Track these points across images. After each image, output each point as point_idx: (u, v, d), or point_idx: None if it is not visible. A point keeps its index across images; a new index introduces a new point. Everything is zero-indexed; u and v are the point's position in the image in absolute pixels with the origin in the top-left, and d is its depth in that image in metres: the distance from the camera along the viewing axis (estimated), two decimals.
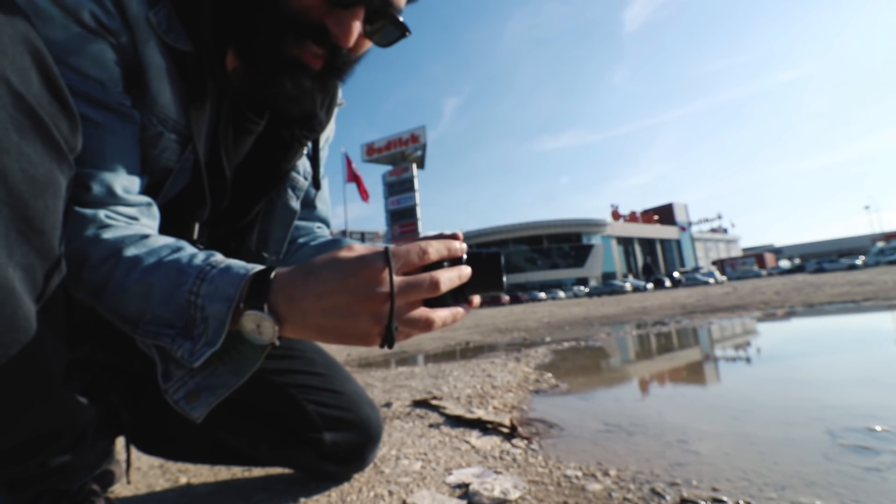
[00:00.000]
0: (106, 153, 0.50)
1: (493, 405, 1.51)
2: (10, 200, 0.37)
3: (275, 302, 0.44)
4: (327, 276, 0.43)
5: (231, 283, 0.44)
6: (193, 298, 0.45)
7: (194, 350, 0.44)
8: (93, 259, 0.48)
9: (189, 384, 0.47)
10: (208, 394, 0.48)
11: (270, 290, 0.44)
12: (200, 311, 0.44)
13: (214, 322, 0.44)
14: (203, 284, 0.45)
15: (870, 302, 4.14)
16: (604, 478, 0.85)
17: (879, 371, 1.59)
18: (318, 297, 0.43)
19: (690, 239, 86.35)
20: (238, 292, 0.44)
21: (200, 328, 0.45)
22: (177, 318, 0.45)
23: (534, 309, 13.17)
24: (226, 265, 0.46)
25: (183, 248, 0.50)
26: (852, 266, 32.77)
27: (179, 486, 0.97)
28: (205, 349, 0.44)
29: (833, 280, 9.99)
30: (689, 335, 3.24)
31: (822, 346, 2.29)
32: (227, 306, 0.44)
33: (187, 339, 0.45)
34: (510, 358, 2.68)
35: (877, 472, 0.78)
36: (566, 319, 6.26)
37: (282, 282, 0.44)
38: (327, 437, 0.80)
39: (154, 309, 0.46)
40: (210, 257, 0.48)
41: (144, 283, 0.46)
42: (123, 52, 0.51)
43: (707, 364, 2.10)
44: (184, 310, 0.45)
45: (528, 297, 45.26)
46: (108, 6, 0.49)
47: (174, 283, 0.46)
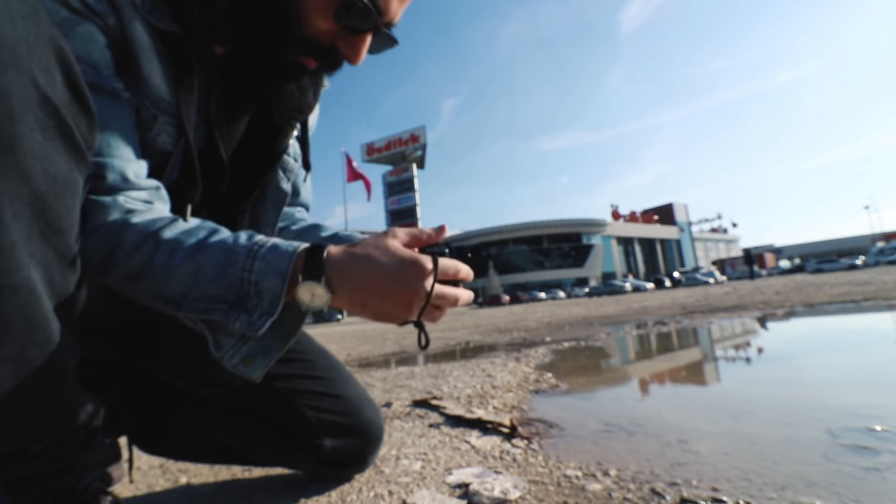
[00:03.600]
0: (111, 140, 0.50)
1: (493, 405, 1.51)
2: (32, 200, 0.38)
3: (330, 276, 0.49)
4: (383, 262, 0.49)
5: (283, 259, 0.49)
6: (247, 275, 0.49)
7: (252, 321, 0.49)
8: (127, 243, 0.49)
9: (243, 350, 0.53)
10: (263, 356, 0.54)
11: (326, 265, 0.49)
12: (254, 286, 0.49)
13: (270, 294, 0.49)
14: (255, 262, 0.49)
15: (870, 302, 4.14)
16: (604, 478, 0.85)
17: (879, 371, 1.59)
18: (372, 280, 0.49)
19: (690, 239, 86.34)
20: (291, 267, 0.49)
21: (255, 301, 0.49)
22: (228, 294, 0.49)
23: (534, 309, 13.17)
24: (272, 244, 0.51)
25: (219, 229, 0.54)
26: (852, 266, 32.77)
27: (179, 486, 0.97)
28: (265, 318, 0.49)
29: (833, 280, 9.99)
30: (689, 335, 3.24)
31: (822, 346, 2.29)
32: (283, 280, 0.49)
33: (243, 312, 0.49)
34: (510, 358, 2.68)
35: (877, 472, 0.78)
36: (566, 319, 6.26)
37: (337, 259, 0.50)
38: (327, 443, 0.79)
39: (203, 287, 0.49)
40: (252, 237, 0.52)
41: (193, 263, 0.49)
42: (112, 34, 0.51)
43: (707, 364, 2.10)
44: (236, 286, 0.49)
45: (528, 297, 45.26)
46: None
47: (224, 263, 0.49)
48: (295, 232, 0.85)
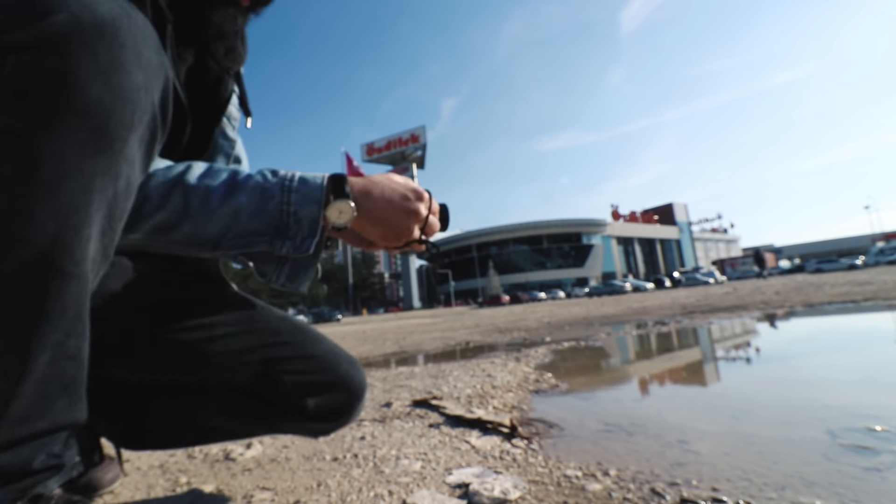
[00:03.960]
0: None
1: (493, 405, 1.51)
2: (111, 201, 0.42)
3: (355, 195, 0.57)
4: (396, 186, 0.60)
5: (316, 188, 0.56)
6: (286, 207, 0.55)
7: (297, 244, 0.56)
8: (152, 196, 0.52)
9: (285, 271, 0.62)
10: (303, 273, 0.64)
11: (353, 187, 0.58)
12: (294, 216, 0.55)
13: (308, 220, 0.55)
14: (291, 195, 0.55)
15: (870, 302, 4.14)
16: (604, 478, 0.85)
17: (879, 371, 1.60)
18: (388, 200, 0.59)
19: (690, 239, 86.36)
20: (323, 195, 0.56)
21: (294, 229, 0.55)
22: (268, 227, 0.55)
23: (534, 309, 13.17)
24: (300, 176, 0.57)
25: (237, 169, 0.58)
26: (852, 266, 32.77)
27: (179, 486, 0.97)
28: (309, 240, 0.56)
29: (833, 280, 9.99)
30: (689, 335, 3.24)
31: (822, 346, 2.29)
32: (318, 207, 0.55)
33: (286, 239, 0.55)
34: (510, 358, 2.68)
35: (877, 472, 0.78)
36: (566, 319, 6.26)
37: (357, 184, 0.59)
38: (310, 402, 0.78)
39: (243, 224, 0.54)
40: (276, 172, 0.57)
41: (230, 205, 0.53)
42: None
43: (707, 364, 2.10)
44: (276, 219, 0.54)
45: (528, 297, 45.26)
46: None
47: (261, 201, 0.54)
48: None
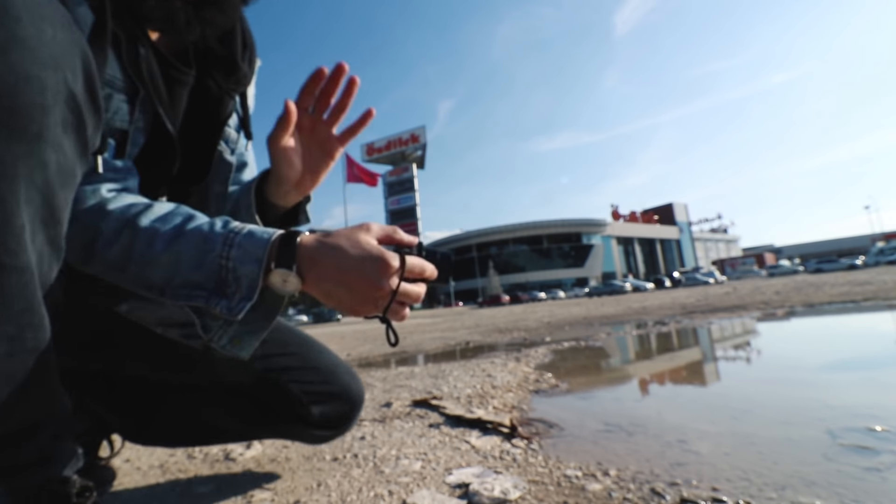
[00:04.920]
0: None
1: (493, 405, 1.51)
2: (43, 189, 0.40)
3: (300, 264, 0.51)
4: (350, 254, 0.51)
5: (259, 246, 0.51)
6: (224, 262, 0.51)
7: (232, 306, 0.51)
8: (105, 232, 0.51)
9: (230, 331, 0.55)
10: (249, 336, 0.56)
11: (297, 254, 0.51)
12: (232, 273, 0.51)
13: (247, 280, 0.51)
14: (232, 250, 0.51)
15: (870, 302, 4.14)
16: (604, 478, 0.85)
17: (879, 371, 1.60)
18: (339, 269, 0.51)
19: (690, 239, 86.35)
20: (266, 254, 0.51)
21: (233, 287, 0.51)
22: (208, 281, 0.51)
23: (534, 309, 13.17)
24: (248, 230, 0.53)
25: (193, 214, 0.55)
26: (852, 266, 32.77)
27: (180, 486, 0.97)
28: (243, 303, 0.51)
29: (833, 280, 9.99)
30: (689, 335, 3.24)
31: (822, 346, 2.29)
32: (259, 267, 0.50)
33: (223, 298, 0.51)
34: (510, 358, 2.68)
35: (877, 472, 0.78)
36: (566, 319, 6.26)
37: (308, 248, 0.52)
38: (315, 410, 0.82)
39: (184, 275, 0.51)
40: (228, 223, 0.54)
41: (171, 253, 0.51)
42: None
43: (707, 364, 2.10)
44: (215, 273, 0.51)
45: (528, 297, 45.26)
46: None
47: (202, 251, 0.51)
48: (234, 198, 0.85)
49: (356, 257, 0.51)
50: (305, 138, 0.68)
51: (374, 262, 0.51)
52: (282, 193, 0.72)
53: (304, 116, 0.66)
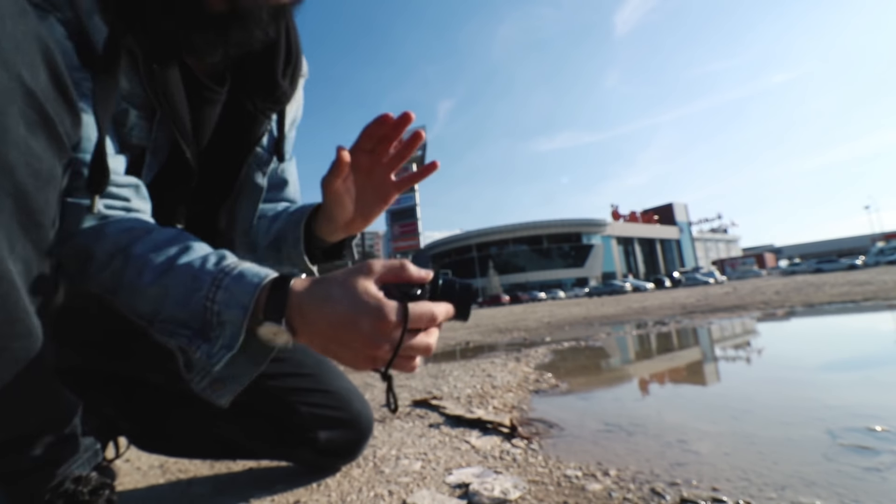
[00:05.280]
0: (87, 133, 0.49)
1: (493, 405, 1.51)
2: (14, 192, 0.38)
3: (290, 317, 0.46)
4: (343, 309, 0.44)
5: (246, 291, 0.46)
6: (210, 304, 0.47)
7: (212, 352, 0.47)
8: (98, 255, 0.49)
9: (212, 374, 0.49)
10: (232, 382, 0.50)
11: (287, 306, 0.46)
12: (217, 317, 0.47)
13: (231, 327, 0.46)
14: (218, 292, 0.47)
15: (870, 302, 4.14)
16: (604, 478, 0.85)
17: (879, 371, 1.59)
18: (330, 325, 0.45)
19: (690, 239, 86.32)
20: (253, 302, 0.46)
21: (217, 332, 0.47)
22: (193, 321, 0.47)
23: (534, 309, 13.17)
24: (238, 271, 0.48)
25: (191, 247, 0.51)
26: (852, 266, 32.76)
27: (180, 486, 0.97)
28: (223, 352, 0.47)
29: (833, 280, 9.99)
30: (689, 335, 3.24)
31: (822, 346, 2.29)
32: (244, 314, 0.46)
33: (205, 341, 0.47)
34: (510, 358, 2.68)
35: (877, 472, 0.78)
36: (566, 319, 6.26)
37: (299, 299, 0.46)
38: (322, 435, 0.82)
39: (169, 310, 0.48)
40: (222, 260, 0.50)
41: (159, 286, 0.48)
42: (70, 26, 0.50)
43: (707, 364, 2.10)
44: (200, 314, 0.47)
45: (528, 297, 45.25)
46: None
47: (189, 289, 0.47)
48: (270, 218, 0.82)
49: (349, 312, 0.44)
50: (362, 179, 0.64)
51: (369, 317, 0.44)
52: (330, 231, 0.69)
53: (362, 157, 0.62)
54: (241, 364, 0.50)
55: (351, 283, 0.45)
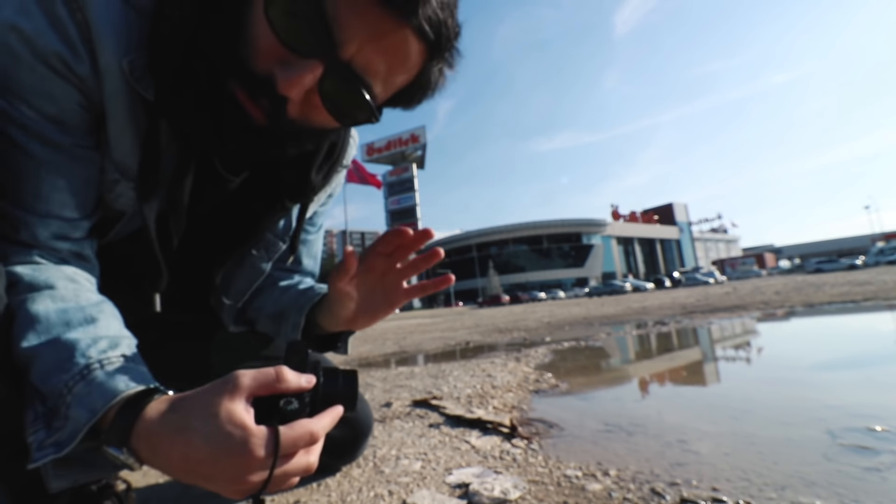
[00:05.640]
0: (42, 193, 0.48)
1: (493, 405, 1.51)
2: None
3: (136, 447, 0.40)
4: (199, 443, 0.38)
5: (103, 396, 0.41)
6: (66, 392, 0.41)
7: (43, 444, 0.41)
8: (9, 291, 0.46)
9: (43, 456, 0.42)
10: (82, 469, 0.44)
11: (132, 434, 0.40)
12: (66, 408, 0.41)
13: (72, 426, 0.40)
14: (80, 383, 0.42)
15: (870, 302, 4.14)
16: (604, 478, 0.85)
17: (879, 371, 1.60)
18: (183, 459, 0.39)
19: (690, 239, 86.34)
20: (104, 409, 0.40)
21: (60, 423, 0.41)
22: (48, 399, 0.42)
23: (534, 309, 13.17)
24: (113, 370, 0.43)
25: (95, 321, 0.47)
26: (852, 266, 32.77)
27: (180, 486, 0.97)
28: (50, 450, 0.40)
29: (833, 280, 9.99)
30: (689, 335, 3.24)
31: (822, 346, 2.29)
32: (88, 418, 0.40)
33: (44, 427, 0.42)
34: (510, 358, 2.68)
35: (877, 472, 0.78)
36: (566, 319, 6.26)
37: (150, 427, 0.40)
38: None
39: (33, 378, 0.43)
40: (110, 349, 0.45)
41: (33, 350, 0.43)
42: (90, 96, 0.49)
43: (707, 364, 2.10)
44: (55, 396, 0.42)
45: (528, 297, 45.25)
46: (80, 51, 0.47)
47: (58, 367, 0.42)
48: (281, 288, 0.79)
49: (207, 447, 0.38)
50: (373, 280, 0.61)
51: (230, 455, 0.38)
52: (331, 323, 0.67)
53: (377, 260, 0.59)
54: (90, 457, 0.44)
55: (213, 407, 0.39)
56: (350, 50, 0.45)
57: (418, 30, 0.45)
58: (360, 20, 0.43)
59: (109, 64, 0.48)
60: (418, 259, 0.60)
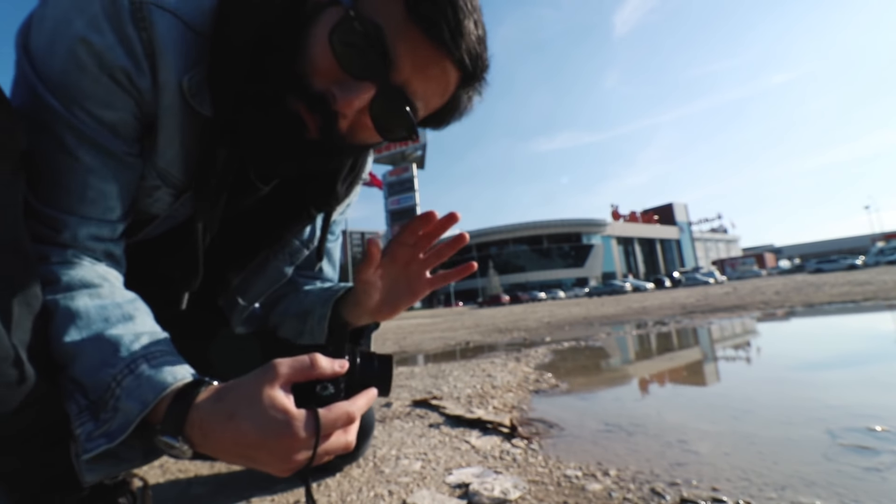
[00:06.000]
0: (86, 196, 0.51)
1: (493, 405, 1.51)
2: None
3: (190, 433, 0.43)
4: (248, 428, 0.41)
5: (154, 389, 0.44)
6: (114, 385, 0.44)
7: (92, 435, 0.43)
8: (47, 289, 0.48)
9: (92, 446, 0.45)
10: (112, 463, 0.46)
11: (187, 421, 0.43)
12: (115, 400, 0.44)
13: (122, 418, 0.43)
14: (129, 377, 0.44)
15: (870, 302, 4.14)
16: (604, 478, 0.85)
17: (879, 371, 1.60)
18: (235, 444, 0.42)
19: (690, 239, 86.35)
20: (156, 401, 0.43)
21: (109, 414, 0.44)
22: (92, 392, 0.45)
23: (534, 309, 13.17)
24: (158, 363, 0.46)
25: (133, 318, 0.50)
26: (852, 266, 32.77)
27: (180, 486, 0.97)
28: (101, 441, 0.43)
29: (833, 280, 9.99)
30: (689, 335, 3.24)
31: (822, 346, 2.29)
32: (140, 410, 0.43)
33: (92, 419, 0.44)
34: (510, 358, 2.68)
35: (877, 472, 0.78)
36: (566, 319, 6.26)
37: (202, 415, 0.43)
38: None
39: (76, 372, 0.46)
40: (152, 345, 0.48)
41: (76, 346, 0.46)
42: (145, 108, 0.53)
43: (707, 364, 2.10)
44: (101, 390, 0.44)
45: (528, 297, 45.27)
46: (143, 66, 0.50)
47: (103, 361, 0.45)
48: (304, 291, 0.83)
49: (255, 431, 0.41)
50: (397, 270, 0.64)
51: (277, 437, 0.41)
52: (356, 315, 0.69)
53: (402, 250, 0.62)
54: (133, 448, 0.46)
55: (256, 394, 0.42)
56: (400, 76, 0.50)
57: (458, 62, 0.51)
58: (411, 50, 0.49)
59: (168, 80, 0.51)
60: (443, 246, 0.63)
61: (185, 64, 0.52)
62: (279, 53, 0.52)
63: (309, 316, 0.75)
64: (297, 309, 0.78)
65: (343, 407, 0.45)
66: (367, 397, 0.48)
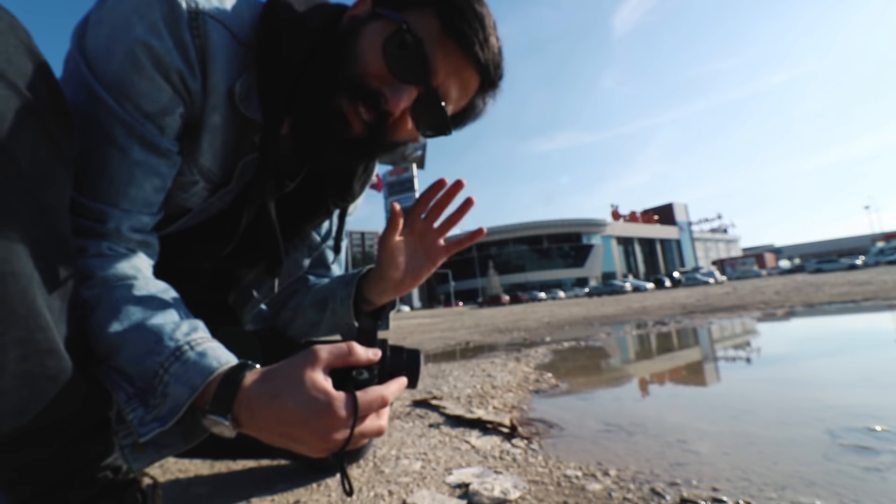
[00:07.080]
0: (130, 190, 0.54)
1: (493, 405, 1.51)
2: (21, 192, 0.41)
3: (237, 413, 0.46)
4: (292, 407, 0.44)
5: (201, 373, 0.47)
6: (162, 372, 0.47)
7: (144, 420, 0.46)
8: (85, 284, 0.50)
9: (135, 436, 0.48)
10: (155, 450, 0.50)
11: (235, 401, 0.46)
12: (163, 386, 0.47)
13: (172, 402, 0.46)
14: (175, 364, 0.47)
15: (870, 302, 4.14)
16: (604, 478, 0.85)
17: (879, 371, 1.60)
18: (279, 422, 0.45)
19: (690, 239, 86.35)
20: (203, 385, 0.46)
21: (158, 400, 0.47)
22: (139, 380, 0.48)
23: (534, 309, 13.17)
24: (202, 350, 0.49)
25: (170, 307, 0.52)
26: (852, 266, 32.77)
27: (180, 486, 0.97)
28: (155, 425, 0.46)
29: (833, 280, 9.99)
30: (689, 335, 3.24)
31: (822, 346, 2.29)
32: (189, 394, 0.46)
33: (141, 405, 0.47)
34: (510, 358, 2.68)
35: (877, 472, 0.78)
36: (566, 319, 6.26)
37: (248, 396, 0.46)
38: None
39: (121, 362, 0.48)
40: (192, 332, 0.50)
41: (119, 336, 0.48)
42: (192, 109, 0.56)
43: (707, 364, 2.10)
44: (149, 377, 0.47)
45: (528, 297, 45.27)
46: (196, 70, 0.54)
47: (149, 350, 0.48)
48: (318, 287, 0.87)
49: (299, 410, 0.44)
50: (414, 241, 0.70)
51: (318, 416, 0.44)
52: (379, 291, 0.73)
53: (416, 221, 0.69)
54: (173, 433, 0.49)
55: (299, 377, 0.46)
56: (438, 80, 0.58)
57: (483, 69, 0.59)
58: (447, 58, 0.57)
59: (217, 84, 0.56)
60: (453, 214, 0.69)
61: (232, 70, 0.57)
62: (326, 62, 0.58)
63: (329, 301, 0.79)
64: (314, 299, 0.82)
65: (378, 391, 0.48)
66: (398, 384, 0.51)
